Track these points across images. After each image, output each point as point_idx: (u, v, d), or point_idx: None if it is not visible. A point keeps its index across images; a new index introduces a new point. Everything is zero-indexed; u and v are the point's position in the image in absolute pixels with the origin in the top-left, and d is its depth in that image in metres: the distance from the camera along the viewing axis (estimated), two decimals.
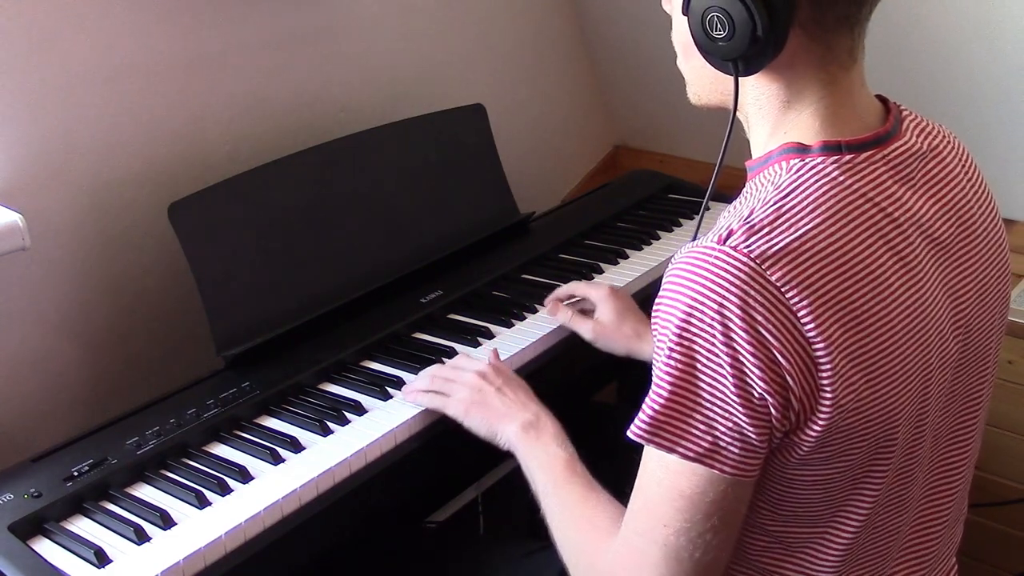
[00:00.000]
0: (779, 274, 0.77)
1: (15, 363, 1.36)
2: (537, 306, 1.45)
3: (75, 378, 1.43)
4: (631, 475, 0.85)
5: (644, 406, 0.81)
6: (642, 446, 0.83)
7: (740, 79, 0.85)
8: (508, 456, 1.53)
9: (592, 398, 1.74)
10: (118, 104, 1.41)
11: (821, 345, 0.77)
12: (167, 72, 1.46)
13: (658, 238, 1.70)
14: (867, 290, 0.80)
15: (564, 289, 1.40)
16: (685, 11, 0.85)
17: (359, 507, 1.16)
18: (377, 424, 1.20)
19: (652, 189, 1.89)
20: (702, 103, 0.94)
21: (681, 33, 0.90)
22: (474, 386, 1.18)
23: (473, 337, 1.38)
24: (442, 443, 1.22)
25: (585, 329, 1.32)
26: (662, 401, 0.80)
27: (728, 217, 0.83)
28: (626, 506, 0.87)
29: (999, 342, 0.97)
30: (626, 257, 1.63)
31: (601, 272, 1.57)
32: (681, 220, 1.76)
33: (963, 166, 0.93)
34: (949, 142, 0.94)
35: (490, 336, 1.39)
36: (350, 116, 1.70)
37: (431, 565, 1.32)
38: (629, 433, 0.82)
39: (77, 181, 1.39)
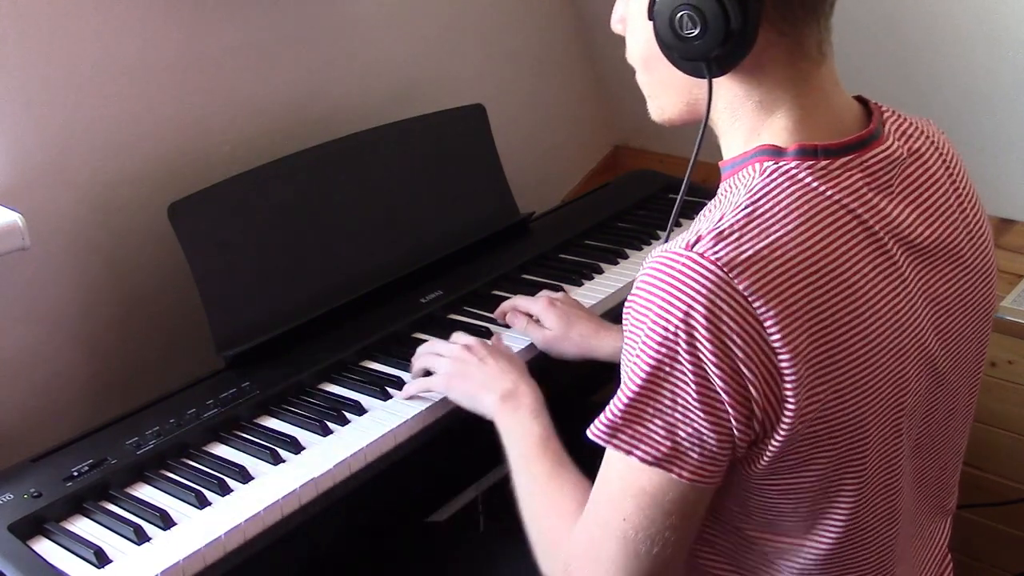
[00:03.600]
0: (746, 283, 0.75)
1: (15, 363, 1.36)
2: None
3: (75, 378, 1.43)
4: None
5: (608, 407, 0.81)
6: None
7: (712, 81, 0.84)
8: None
9: (592, 397, 1.74)
10: (118, 104, 1.41)
11: (786, 356, 0.76)
12: (167, 72, 1.46)
13: (658, 238, 1.70)
14: (838, 300, 0.78)
15: (507, 304, 1.40)
16: (651, 15, 0.84)
17: (359, 507, 1.16)
18: (377, 424, 1.20)
19: (652, 189, 1.89)
20: (666, 118, 0.92)
21: (641, 44, 0.88)
22: (456, 358, 1.19)
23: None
24: (442, 443, 1.22)
25: (537, 338, 1.32)
26: (624, 403, 0.79)
27: (700, 222, 0.82)
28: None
29: (986, 345, 0.96)
30: (626, 257, 1.63)
31: (601, 272, 1.58)
32: (681, 220, 1.75)
33: (947, 168, 0.91)
34: (933, 142, 0.92)
35: (490, 336, 1.38)
36: (350, 116, 1.69)
37: (431, 563, 1.32)
38: (588, 433, 0.82)
39: (77, 181, 1.39)
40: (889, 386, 0.82)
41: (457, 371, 1.18)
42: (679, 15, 0.81)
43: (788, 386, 0.76)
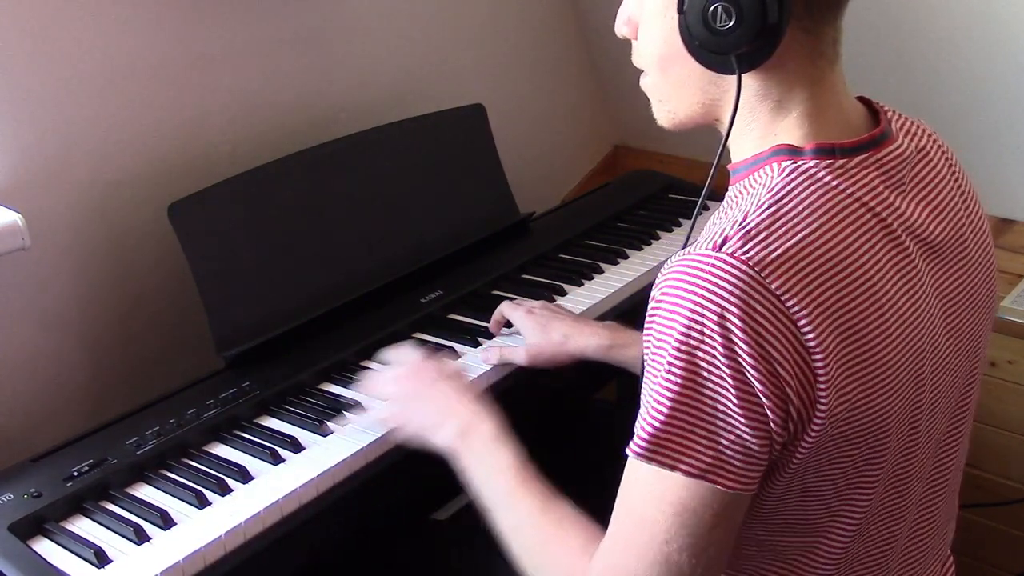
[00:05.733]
0: (779, 282, 0.74)
1: (15, 363, 1.36)
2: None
3: (75, 378, 1.43)
4: None
5: (642, 422, 0.78)
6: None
7: (732, 78, 0.82)
8: None
9: (592, 397, 1.74)
10: (118, 104, 1.41)
11: (820, 354, 0.75)
12: (167, 72, 1.46)
13: (658, 238, 1.70)
14: (864, 297, 0.78)
15: (495, 315, 1.38)
16: (681, 8, 0.82)
17: (359, 507, 1.16)
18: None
19: (652, 189, 1.89)
20: (678, 122, 0.90)
21: (659, 42, 0.86)
22: (403, 386, 1.12)
23: (473, 337, 1.38)
24: None
25: (517, 357, 1.27)
26: (663, 417, 0.76)
27: (719, 223, 0.81)
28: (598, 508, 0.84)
29: (987, 342, 0.96)
30: (626, 257, 1.63)
31: (601, 272, 1.58)
32: (681, 220, 1.76)
33: (949, 165, 0.92)
34: (935, 140, 0.92)
35: (490, 336, 1.38)
36: (350, 116, 1.70)
37: (433, 562, 1.32)
38: (629, 452, 0.79)
39: (77, 181, 1.39)
40: (909, 384, 0.82)
41: (406, 402, 1.11)
42: (713, 6, 0.79)
43: (821, 385, 0.76)
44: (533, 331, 1.29)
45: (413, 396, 1.11)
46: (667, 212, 1.79)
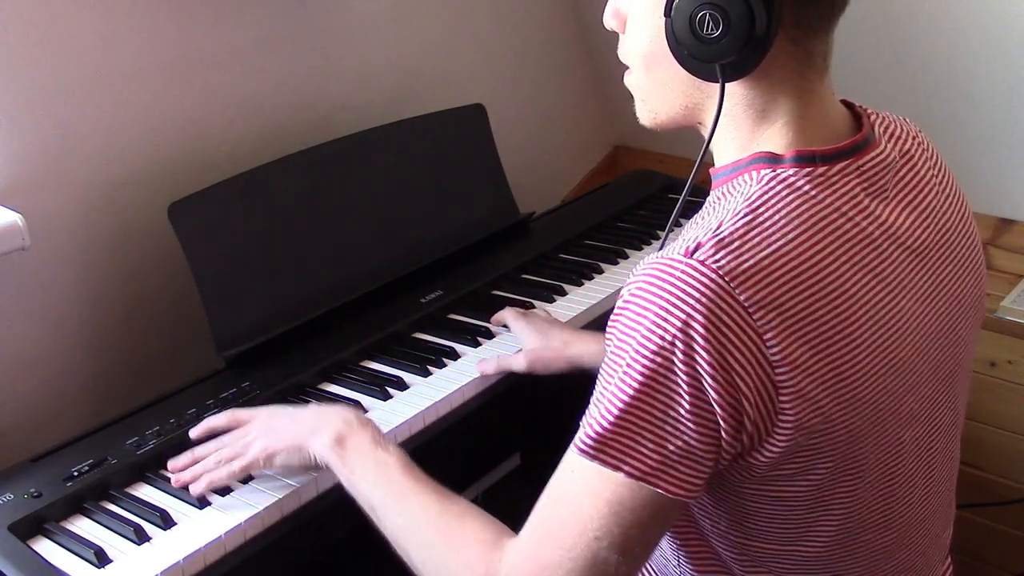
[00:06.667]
0: (748, 294, 0.73)
1: (15, 363, 1.36)
2: (534, 302, 1.45)
3: (75, 378, 1.43)
4: None
5: (591, 419, 0.78)
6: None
7: (717, 84, 0.81)
8: (509, 456, 1.49)
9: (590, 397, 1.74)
10: (118, 104, 1.41)
11: (784, 368, 0.74)
12: (167, 72, 1.46)
13: (658, 238, 1.70)
14: (839, 309, 0.77)
15: (497, 316, 1.39)
16: (668, 11, 0.80)
17: (360, 506, 1.16)
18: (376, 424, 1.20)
19: (652, 189, 1.89)
20: (659, 122, 0.89)
21: (646, 41, 0.85)
22: (262, 429, 1.07)
23: (473, 337, 1.38)
24: (442, 444, 1.22)
25: (516, 363, 1.26)
26: (612, 417, 0.76)
27: (694, 228, 0.80)
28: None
29: (976, 341, 0.95)
30: (626, 257, 1.63)
31: (601, 272, 1.58)
32: (680, 220, 1.75)
33: (935, 168, 0.91)
34: (920, 143, 0.91)
35: (490, 336, 1.39)
36: (350, 116, 1.70)
37: None
38: (574, 448, 0.78)
39: (77, 181, 1.39)
40: (889, 393, 0.81)
41: (271, 438, 1.05)
42: (701, 14, 0.78)
43: (785, 398, 0.75)
44: (532, 336, 1.29)
45: (274, 426, 1.07)
46: (667, 212, 1.79)
